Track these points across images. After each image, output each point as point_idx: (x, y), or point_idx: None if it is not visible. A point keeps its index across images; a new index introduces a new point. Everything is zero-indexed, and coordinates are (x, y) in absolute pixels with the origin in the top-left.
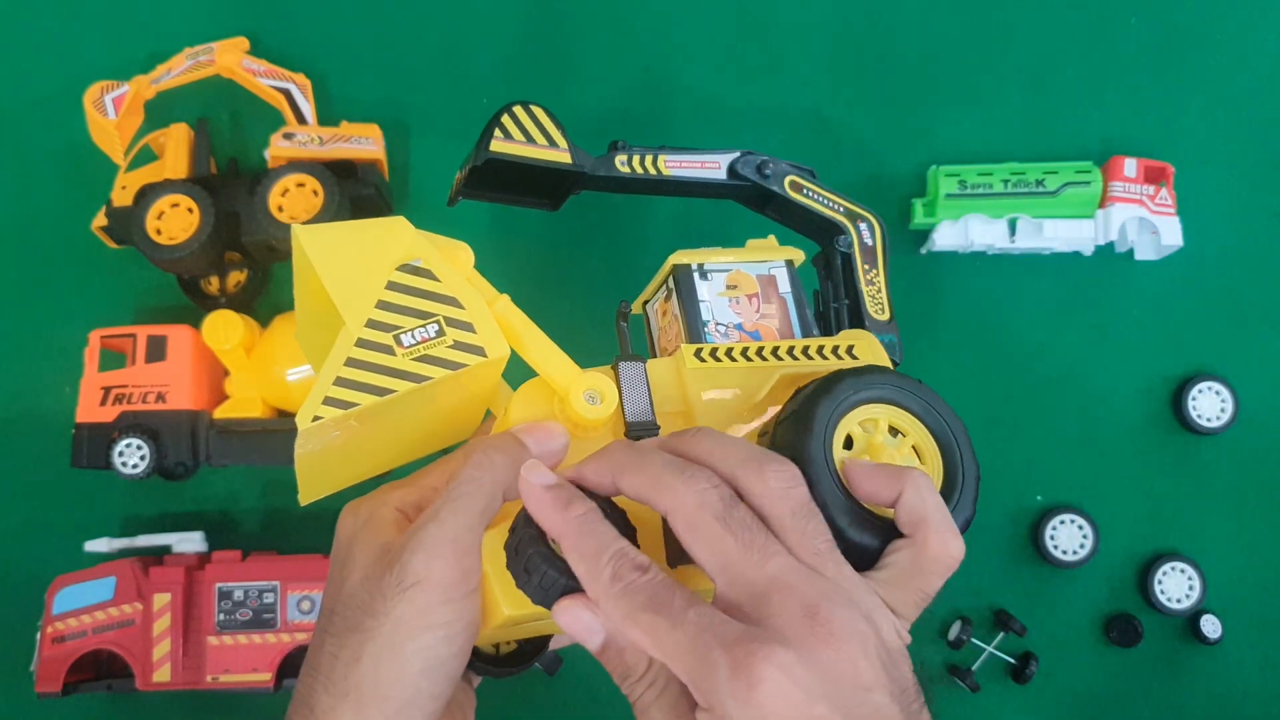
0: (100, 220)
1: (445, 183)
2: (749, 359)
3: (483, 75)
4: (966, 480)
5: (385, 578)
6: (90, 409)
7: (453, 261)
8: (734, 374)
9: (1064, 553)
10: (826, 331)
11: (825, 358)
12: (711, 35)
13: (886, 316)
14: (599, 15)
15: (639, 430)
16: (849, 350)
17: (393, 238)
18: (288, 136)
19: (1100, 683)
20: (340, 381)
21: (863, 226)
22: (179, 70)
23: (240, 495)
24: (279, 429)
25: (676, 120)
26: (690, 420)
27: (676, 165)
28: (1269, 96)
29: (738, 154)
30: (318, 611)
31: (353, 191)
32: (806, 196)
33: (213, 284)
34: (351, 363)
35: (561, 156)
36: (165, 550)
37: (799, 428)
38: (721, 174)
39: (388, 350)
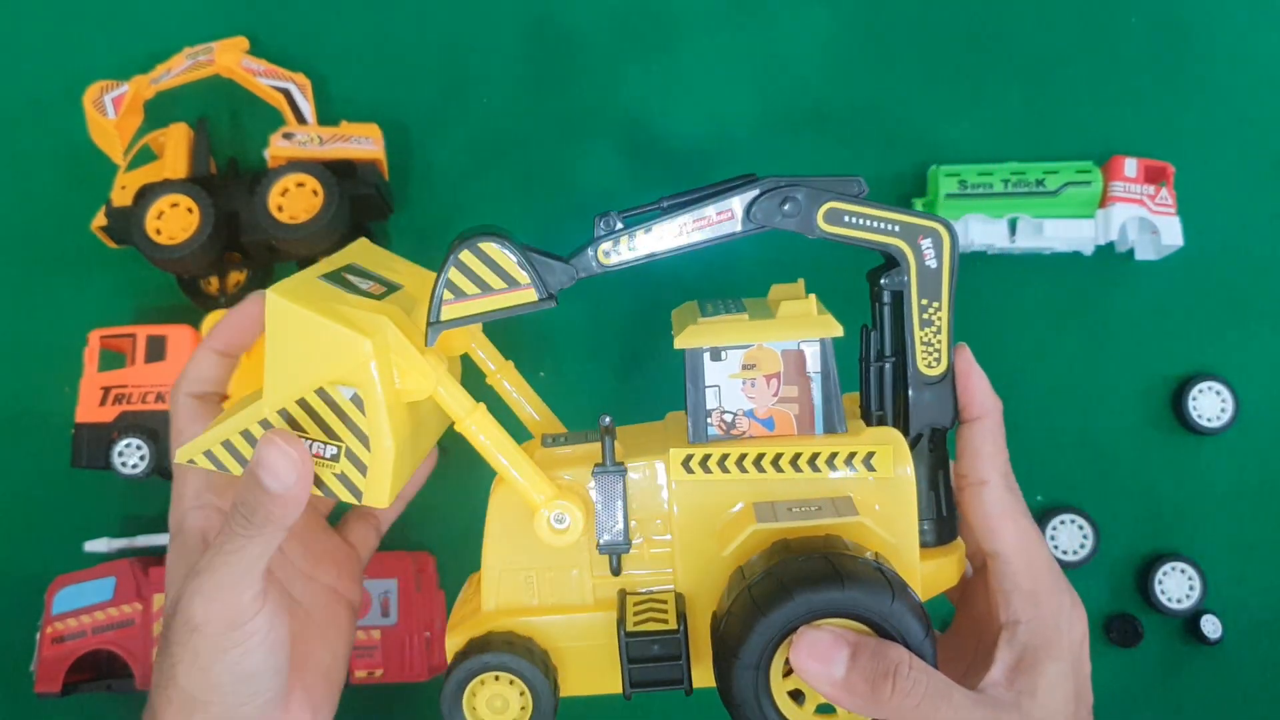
0: (100, 220)
1: (445, 183)
2: (744, 470)
3: (483, 75)
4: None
5: (178, 621)
6: (90, 409)
7: (419, 383)
8: (724, 490)
9: (1064, 553)
10: (867, 394)
11: (835, 470)
12: (711, 34)
13: (941, 369)
14: (598, 15)
15: (610, 549)
16: (866, 460)
17: (349, 355)
18: (287, 136)
19: (1100, 683)
20: (227, 444)
21: (925, 244)
22: (179, 70)
23: None
24: None
25: (676, 120)
26: (669, 537)
27: (679, 233)
28: (1269, 96)
29: (755, 192)
30: None
31: (352, 191)
32: (848, 226)
33: (212, 284)
34: (246, 435)
35: (525, 296)
36: (165, 550)
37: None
38: (737, 224)
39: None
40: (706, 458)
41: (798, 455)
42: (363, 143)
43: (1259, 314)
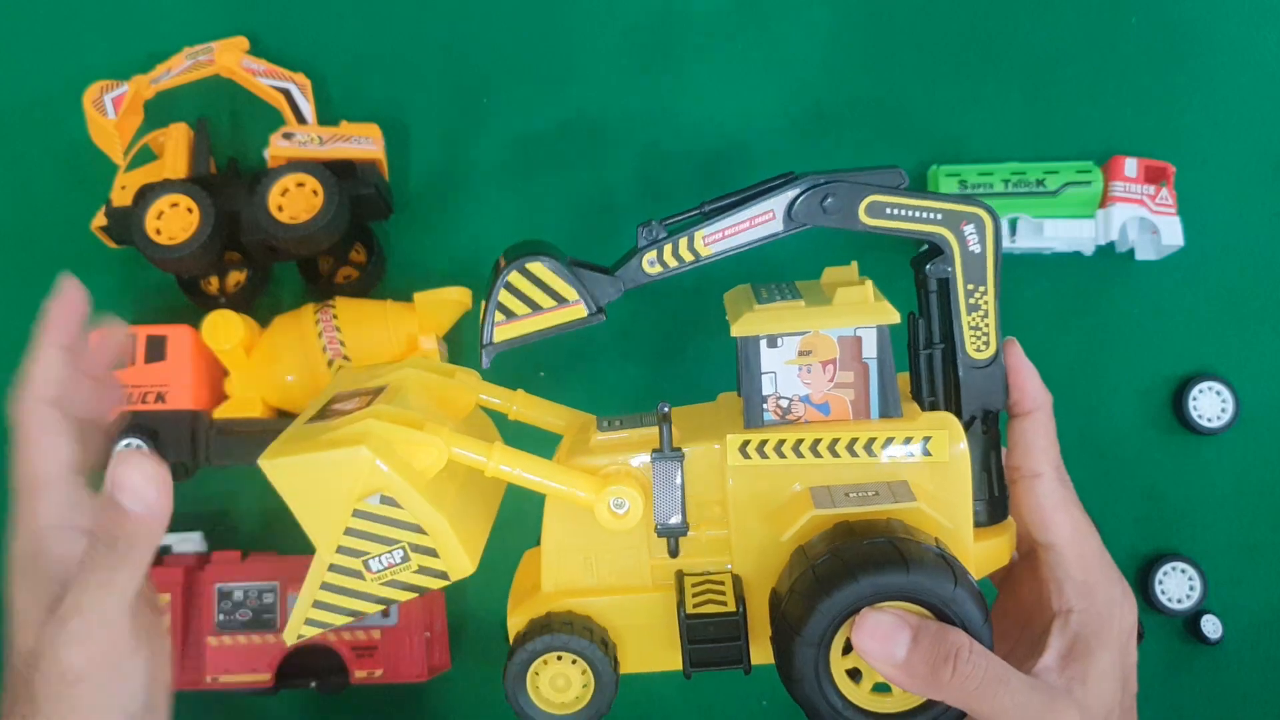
0: (100, 220)
1: (444, 183)
2: (800, 455)
3: (483, 75)
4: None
5: (50, 671)
6: None
7: (430, 453)
8: (780, 474)
9: None
10: (918, 380)
11: (891, 455)
12: (711, 34)
13: (989, 352)
14: (598, 15)
15: (668, 532)
16: (923, 445)
17: (355, 469)
18: (287, 136)
19: None
20: (318, 604)
21: (968, 230)
22: (178, 70)
23: (240, 495)
24: (279, 429)
25: (676, 120)
26: (726, 519)
27: (719, 238)
28: (1269, 96)
29: (795, 191)
30: None
31: (353, 191)
32: (891, 218)
33: (212, 284)
34: (326, 587)
35: (574, 312)
36: (165, 550)
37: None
38: (779, 225)
39: (358, 575)
40: (763, 443)
41: (854, 440)
42: (363, 143)
43: (1259, 314)
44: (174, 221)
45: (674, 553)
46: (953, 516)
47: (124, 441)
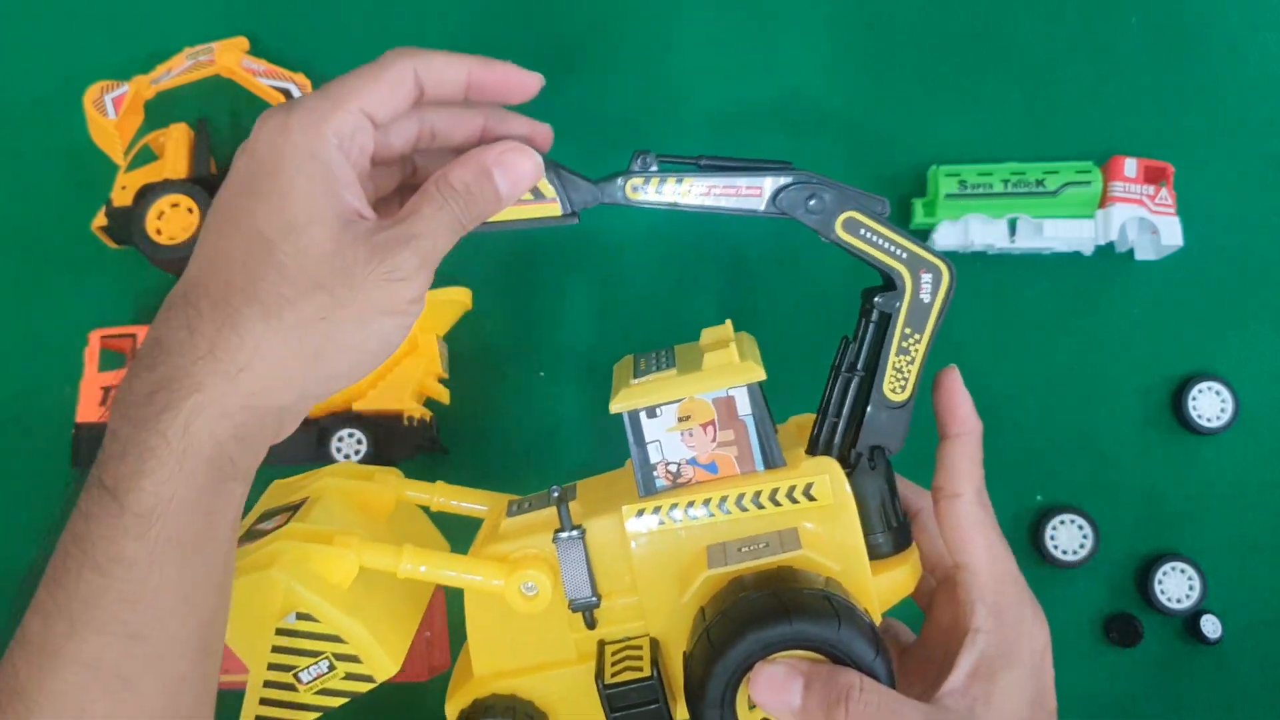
0: (100, 220)
1: None
2: (693, 516)
3: None
4: None
5: (370, 262)
6: (90, 409)
7: (341, 565)
8: (679, 536)
9: (1064, 553)
10: (829, 396)
11: (778, 504)
12: (711, 33)
13: (904, 397)
14: (598, 15)
15: (580, 607)
16: (806, 491)
17: (270, 592)
18: None
19: (1100, 683)
20: (259, 719)
21: (925, 278)
22: (179, 70)
23: None
24: None
25: (676, 119)
26: (635, 587)
27: (705, 193)
28: (1269, 96)
29: (787, 179)
30: None
31: None
32: (862, 239)
33: None
34: (265, 701)
35: (549, 209)
36: None
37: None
38: (761, 204)
39: (291, 688)
40: (657, 509)
41: (742, 495)
42: None
43: (1259, 314)
44: (174, 221)
45: (590, 625)
46: (844, 555)
47: None
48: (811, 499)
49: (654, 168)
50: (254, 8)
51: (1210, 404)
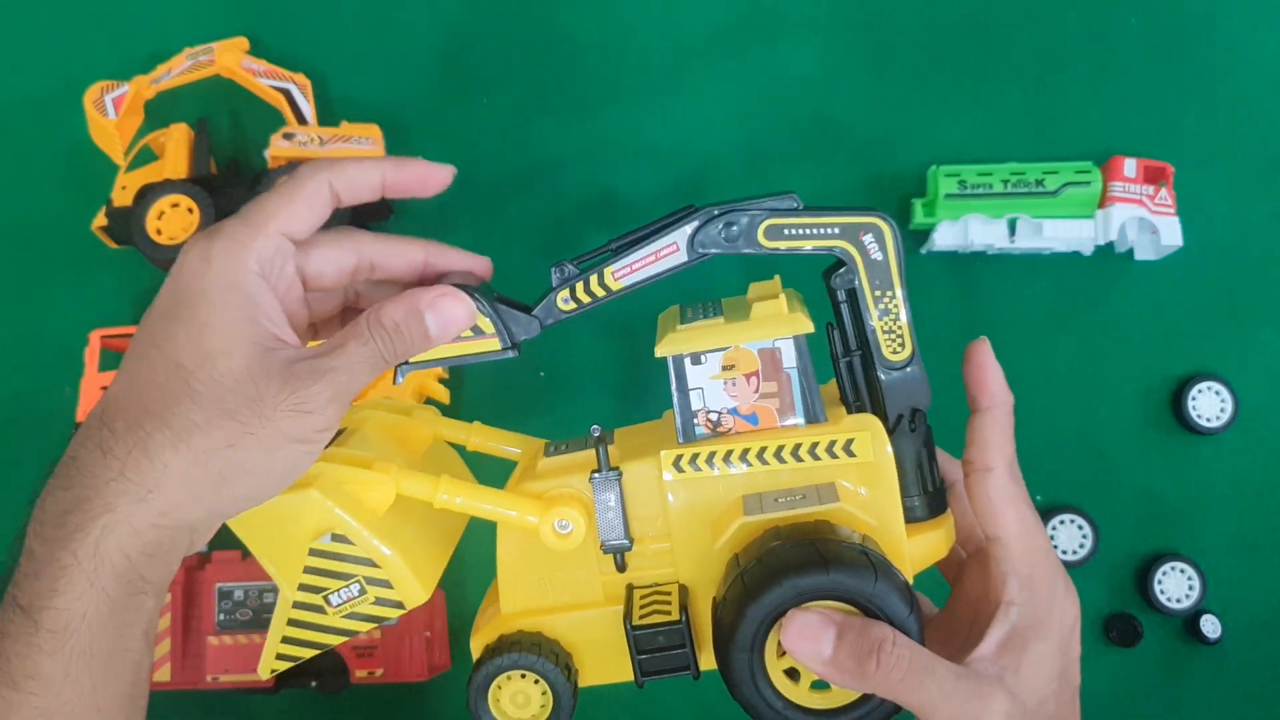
0: (100, 220)
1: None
2: (731, 465)
3: (483, 75)
4: None
5: (281, 392)
6: (90, 409)
7: (379, 491)
8: (714, 485)
9: (1064, 553)
10: (843, 387)
11: (818, 458)
12: (710, 34)
13: (906, 354)
14: (598, 16)
15: (612, 549)
16: (846, 447)
17: (307, 512)
18: (288, 136)
19: (1100, 683)
20: (286, 640)
21: (868, 239)
22: (179, 70)
23: None
24: None
25: (675, 119)
26: (668, 532)
27: (628, 272)
28: (1269, 96)
29: (696, 224)
30: None
31: None
32: (790, 238)
33: None
34: (292, 623)
35: (489, 345)
36: None
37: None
38: (684, 255)
39: (320, 610)
40: (695, 456)
41: (781, 447)
42: (363, 143)
43: (1259, 314)
44: (175, 221)
45: (621, 568)
46: (880, 514)
47: None
48: (851, 455)
49: (574, 273)
50: (254, 8)
51: (1210, 404)
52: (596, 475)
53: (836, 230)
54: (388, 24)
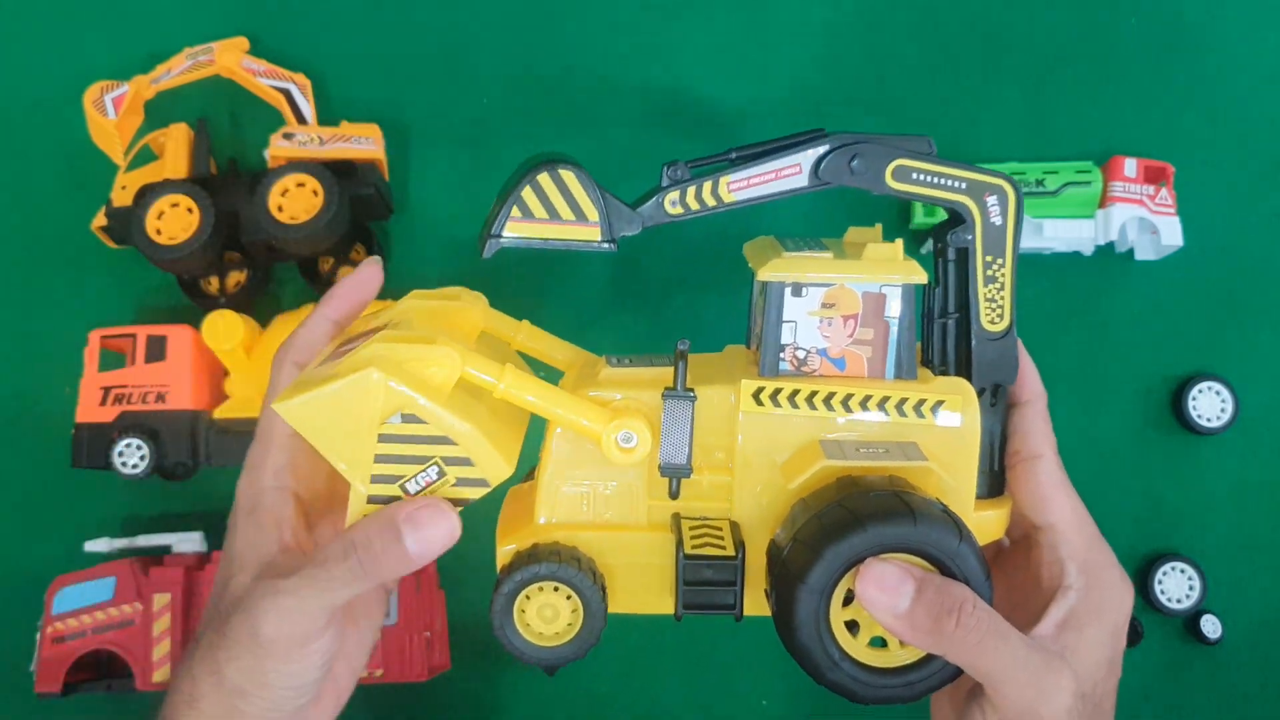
0: (100, 220)
1: (444, 184)
2: (813, 407)
3: (483, 75)
4: None
5: (245, 620)
6: (90, 409)
7: (444, 367)
8: (790, 425)
9: None
10: (930, 349)
11: (904, 415)
12: (710, 35)
13: (1004, 325)
14: (598, 16)
15: (671, 472)
16: (935, 408)
17: (370, 395)
18: (287, 136)
19: None
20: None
21: (991, 201)
22: (179, 70)
23: None
24: None
25: (675, 122)
26: (730, 467)
27: (744, 186)
28: (1269, 96)
29: (824, 148)
30: None
31: (352, 191)
32: (916, 183)
33: (213, 284)
34: (373, 499)
35: (589, 233)
36: (165, 550)
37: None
38: (804, 179)
39: (396, 499)
40: (777, 391)
41: (868, 397)
42: (363, 143)
43: (1259, 314)
44: (174, 221)
45: (674, 494)
46: (956, 481)
47: (124, 441)
48: (940, 418)
49: (686, 176)
50: (254, 8)
51: (1210, 404)
52: (670, 393)
53: (964, 185)
54: (388, 24)
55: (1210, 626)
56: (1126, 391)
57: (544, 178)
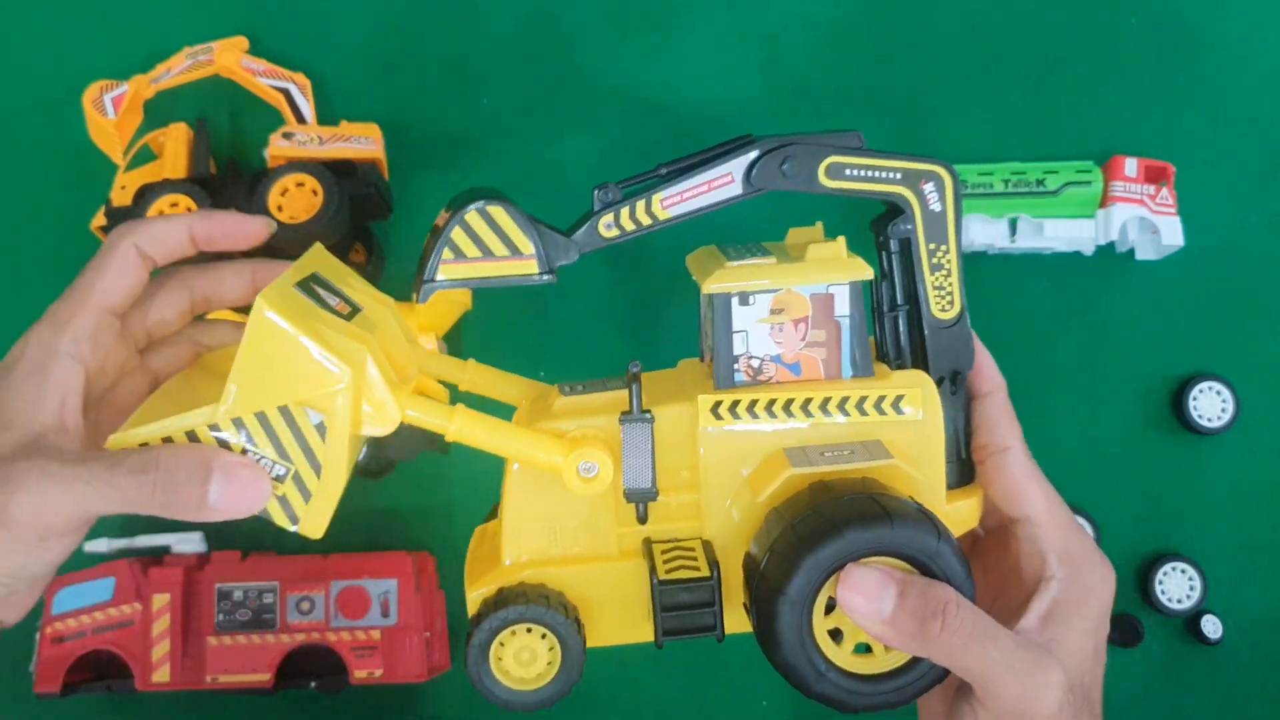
0: (99, 220)
1: (445, 184)
2: (773, 415)
3: (483, 75)
4: None
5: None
6: None
7: (387, 415)
8: (752, 436)
9: None
10: (884, 343)
11: (865, 413)
12: (710, 35)
13: (954, 312)
14: (597, 15)
15: (636, 497)
16: (895, 403)
17: (326, 381)
18: (287, 136)
19: None
20: (166, 440)
21: (928, 188)
22: (178, 70)
23: None
24: None
25: (674, 121)
26: (695, 485)
27: (677, 200)
28: (1269, 96)
29: (754, 154)
30: (317, 612)
31: (352, 191)
32: (850, 179)
33: None
34: (192, 436)
35: (526, 266)
36: (165, 550)
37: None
38: (738, 188)
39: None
40: (735, 404)
41: (827, 399)
42: (363, 143)
43: (1259, 314)
44: None
45: (642, 519)
46: (925, 475)
47: None
48: (901, 413)
49: (618, 198)
50: (254, 7)
51: (1210, 404)
52: (627, 417)
53: (898, 175)
54: (388, 24)
55: (1210, 626)
56: (1126, 391)
57: (472, 216)
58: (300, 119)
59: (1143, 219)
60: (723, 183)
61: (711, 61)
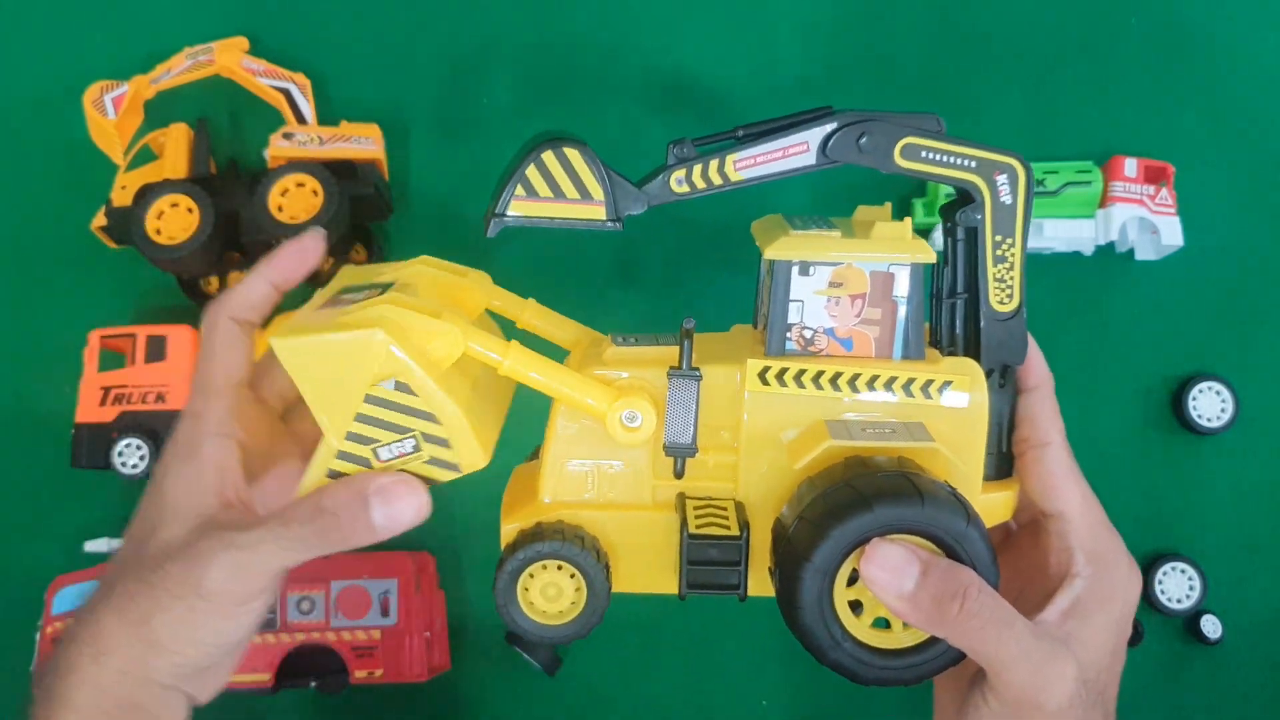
0: (100, 220)
1: (444, 184)
2: (820, 387)
3: (483, 75)
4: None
5: (189, 571)
6: (90, 409)
7: (446, 343)
8: (796, 404)
9: None
10: (939, 329)
11: (911, 395)
12: (711, 34)
13: (1013, 305)
14: (599, 14)
15: (676, 451)
16: (942, 388)
17: (370, 353)
18: (287, 136)
19: None
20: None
21: (1001, 180)
22: (178, 70)
23: None
24: None
25: (674, 122)
26: (734, 447)
27: (750, 164)
28: (1269, 96)
29: (832, 126)
30: (318, 612)
31: (352, 191)
32: (924, 162)
33: (212, 284)
34: (332, 474)
35: (595, 211)
36: None
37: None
38: (811, 158)
39: (365, 463)
40: (784, 371)
41: (875, 377)
42: (363, 143)
43: (1259, 314)
44: (174, 221)
45: (679, 474)
46: (964, 463)
47: (124, 441)
48: (948, 399)
49: (692, 154)
50: (254, 8)
51: (1210, 404)
52: (675, 372)
53: (973, 163)
54: (388, 24)
55: (1210, 626)
56: (1126, 391)
57: (548, 156)
58: (300, 119)
59: (1142, 219)
60: (797, 151)
61: (714, 62)
